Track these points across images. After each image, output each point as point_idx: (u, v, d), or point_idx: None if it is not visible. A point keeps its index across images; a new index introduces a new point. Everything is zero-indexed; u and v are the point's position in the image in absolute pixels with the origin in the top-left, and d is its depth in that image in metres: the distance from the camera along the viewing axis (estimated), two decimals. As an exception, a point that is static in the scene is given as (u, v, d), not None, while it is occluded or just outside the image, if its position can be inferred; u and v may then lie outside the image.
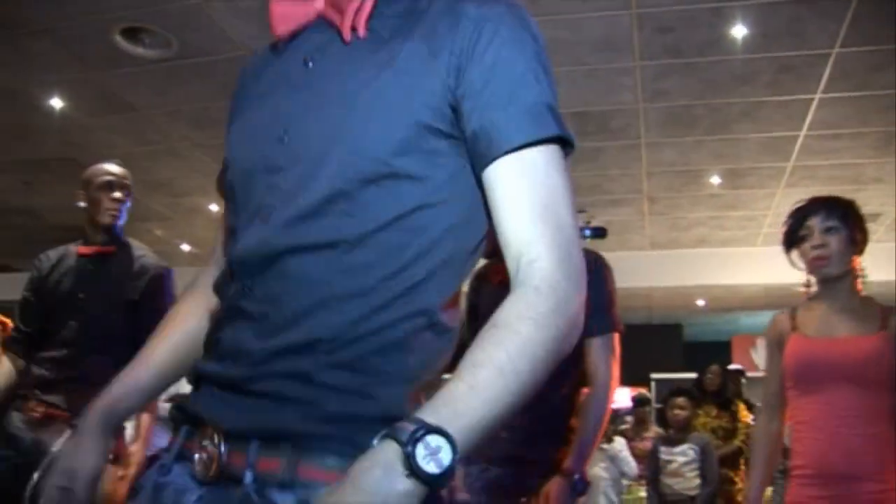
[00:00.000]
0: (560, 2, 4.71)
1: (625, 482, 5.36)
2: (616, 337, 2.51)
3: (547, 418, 2.36)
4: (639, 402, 6.77)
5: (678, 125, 6.27)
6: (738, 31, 4.96)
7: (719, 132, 6.39)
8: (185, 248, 10.14)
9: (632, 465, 5.04)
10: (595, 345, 2.43)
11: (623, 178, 7.39)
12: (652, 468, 4.81)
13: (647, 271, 9.39)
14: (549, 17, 4.85)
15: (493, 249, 0.93)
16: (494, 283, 2.51)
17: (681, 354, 11.83)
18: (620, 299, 2.56)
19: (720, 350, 11.34)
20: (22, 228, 9.31)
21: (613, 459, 5.01)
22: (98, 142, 6.94)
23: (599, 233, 7.80)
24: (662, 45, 5.14)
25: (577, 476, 2.29)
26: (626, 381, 10.07)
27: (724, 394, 5.84)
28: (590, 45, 5.19)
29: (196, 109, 6.21)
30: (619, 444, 5.17)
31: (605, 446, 5.02)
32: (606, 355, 2.44)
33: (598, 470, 4.93)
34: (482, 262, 2.63)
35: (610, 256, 8.64)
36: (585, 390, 2.46)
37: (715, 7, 4.72)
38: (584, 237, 7.95)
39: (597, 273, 2.46)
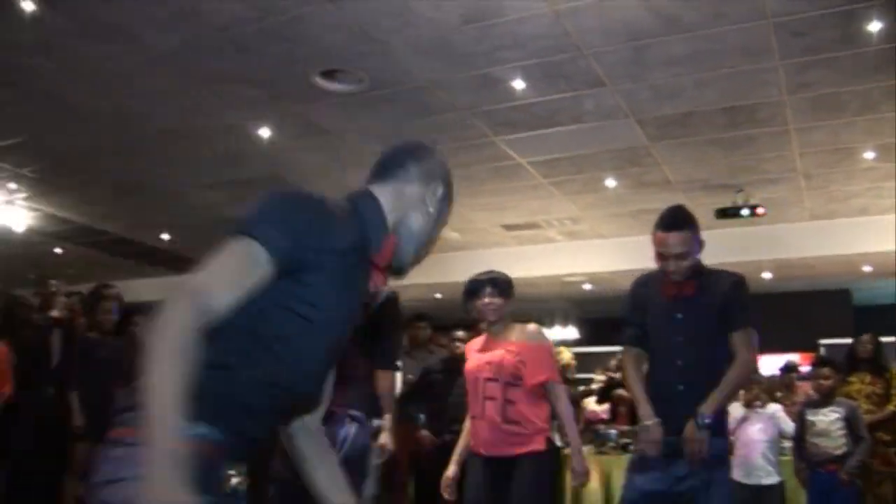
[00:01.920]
0: (699, 20, 5.29)
1: (785, 444, 5.80)
2: (749, 329, 3.21)
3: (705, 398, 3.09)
4: (786, 369, 7.16)
5: (826, 110, 6.62)
6: (874, 26, 5.34)
7: (868, 113, 6.70)
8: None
9: (790, 425, 5.49)
10: (736, 335, 3.16)
11: (777, 159, 7.77)
12: (798, 430, 5.30)
13: (808, 242, 9.66)
14: (692, 34, 5.45)
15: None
16: (667, 297, 3.22)
17: (850, 319, 11.83)
18: (784, 269, 3.26)
19: (894, 313, 11.34)
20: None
21: (771, 419, 5.50)
22: (298, 161, 8.12)
23: (756, 211, 8.26)
24: (800, 47, 5.59)
25: (706, 419, 3.01)
26: (794, 347, 10.44)
27: (877, 360, 6.18)
28: (732, 53, 5.72)
29: (384, 130, 7.20)
30: (775, 407, 5.66)
31: (760, 410, 5.55)
32: (745, 342, 3.16)
33: (754, 432, 5.48)
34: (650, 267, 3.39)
35: (770, 230, 9.12)
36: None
37: (847, 10, 5.14)
38: (741, 216, 8.42)
39: (741, 288, 3.17)
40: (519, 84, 6.34)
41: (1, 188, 9.36)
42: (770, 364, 11.37)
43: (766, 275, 10.88)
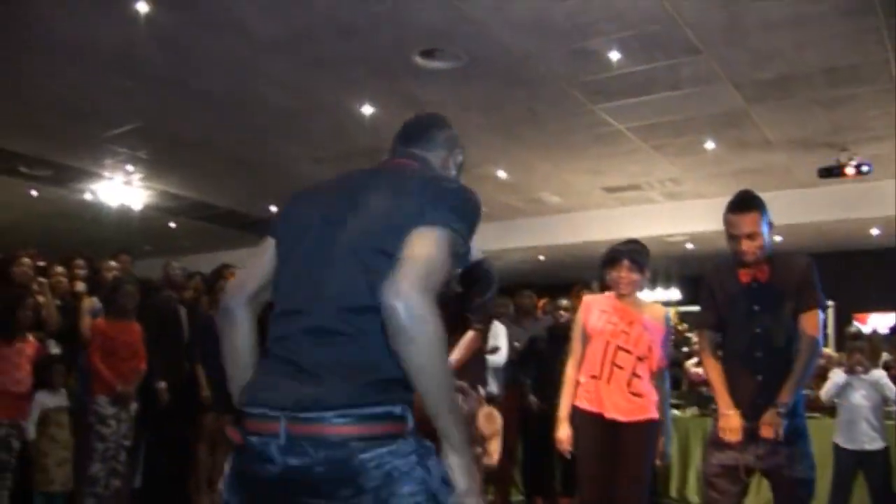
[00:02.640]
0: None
1: (891, 409, 5.79)
2: (818, 311, 3.27)
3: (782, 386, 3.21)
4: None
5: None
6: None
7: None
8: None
9: (893, 390, 5.50)
10: (805, 316, 3.24)
11: (882, 116, 7.60)
12: None
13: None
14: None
15: None
16: (744, 282, 3.33)
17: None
18: (893, 225, 3.25)
19: None
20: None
21: (874, 385, 5.51)
22: (400, 134, 8.38)
23: (861, 170, 8.12)
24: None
25: (785, 407, 3.12)
26: (891, 306, 10.12)
27: None
28: (832, 15, 5.66)
29: (483, 103, 7.40)
30: (879, 373, 5.65)
31: (863, 376, 5.57)
32: (814, 324, 3.24)
33: (858, 397, 5.51)
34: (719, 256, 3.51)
35: (876, 186, 8.89)
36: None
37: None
38: (846, 174, 8.28)
39: (813, 270, 3.29)
40: (615, 55, 6.42)
41: (119, 170, 9.99)
42: (879, 322, 11.17)
43: (875, 230, 10.65)
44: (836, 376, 5.65)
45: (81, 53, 6.53)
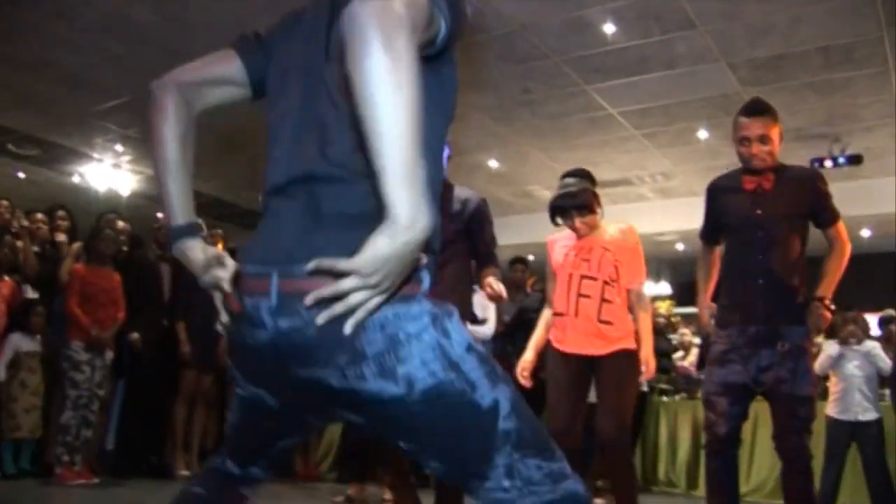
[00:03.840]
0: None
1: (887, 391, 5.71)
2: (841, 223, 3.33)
3: (788, 288, 3.20)
4: (886, 321, 7.02)
5: (928, 48, 6.47)
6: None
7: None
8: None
9: (886, 362, 5.40)
10: (832, 229, 3.30)
11: (874, 104, 7.59)
12: None
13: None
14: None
15: None
16: (748, 189, 3.28)
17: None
18: (881, 226, 3.32)
19: None
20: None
21: (867, 356, 5.44)
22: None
23: (855, 160, 8.10)
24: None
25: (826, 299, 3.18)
26: (884, 306, 10.09)
27: None
28: (829, -16, 5.66)
29: (475, 77, 7.34)
30: (872, 343, 5.57)
31: (856, 347, 5.49)
32: (842, 232, 3.31)
33: (851, 368, 5.42)
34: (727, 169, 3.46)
35: (867, 184, 8.82)
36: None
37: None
38: (839, 165, 8.26)
39: (824, 182, 3.29)
40: (609, 28, 6.39)
41: (108, 150, 9.85)
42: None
43: (866, 231, 10.60)
44: (830, 348, 5.57)
45: (73, 12, 6.43)
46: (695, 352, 8.43)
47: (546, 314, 3.92)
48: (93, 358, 5.13)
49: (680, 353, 8.60)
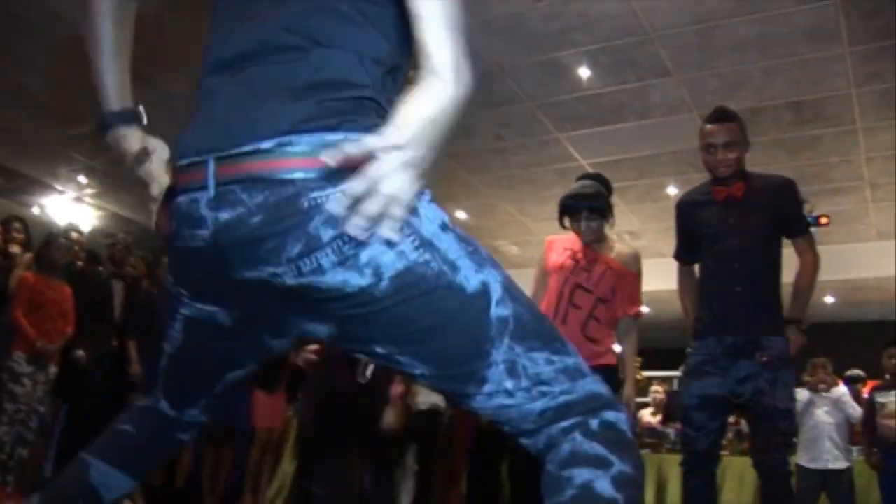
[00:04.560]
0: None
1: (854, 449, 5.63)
2: (811, 234, 3.30)
3: (765, 297, 3.13)
4: (852, 379, 6.99)
5: (893, 107, 6.56)
6: (949, 7, 5.29)
7: (940, 112, 6.61)
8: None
9: (856, 409, 5.33)
10: (802, 239, 3.25)
11: (843, 164, 7.68)
12: (868, 413, 5.15)
13: (877, 261, 9.42)
14: (759, 15, 5.49)
15: None
16: (719, 199, 3.24)
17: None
18: (849, 292, 3.31)
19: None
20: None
21: (836, 403, 5.36)
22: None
23: (820, 222, 8.15)
24: (870, 30, 5.57)
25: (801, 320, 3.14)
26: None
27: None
28: (800, 37, 5.71)
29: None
30: (841, 390, 5.50)
31: (825, 394, 5.41)
32: (811, 244, 3.27)
33: (821, 414, 5.33)
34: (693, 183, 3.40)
35: (837, 249, 8.78)
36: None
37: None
38: (810, 225, 8.30)
39: (795, 190, 3.25)
40: (585, 72, 6.42)
41: (71, 182, 9.62)
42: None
43: (829, 298, 10.63)
44: (799, 395, 5.46)
45: (47, 34, 6.29)
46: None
47: None
48: (35, 371, 4.85)
49: (650, 410, 8.46)
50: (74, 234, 5.22)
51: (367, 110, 1.11)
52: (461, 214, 9.89)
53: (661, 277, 10.63)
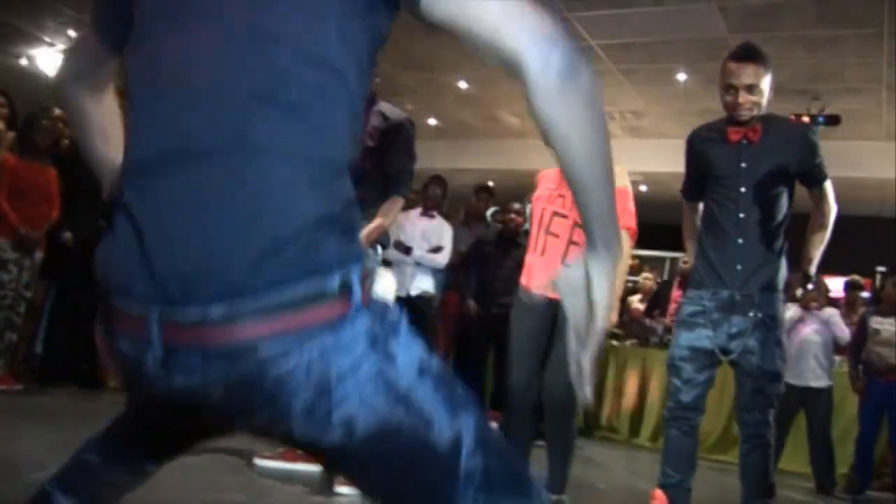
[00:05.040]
0: None
1: (837, 358, 5.68)
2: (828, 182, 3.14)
3: (768, 252, 3.03)
4: (851, 286, 6.96)
5: (925, 13, 6.23)
6: None
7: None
8: (432, 122, 11.13)
9: (844, 332, 5.35)
10: (820, 187, 3.11)
11: (862, 66, 7.38)
12: (858, 335, 5.15)
13: (881, 162, 9.27)
14: None
15: None
16: (733, 140, 3.04)
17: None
18: (850, 189, 3.13)
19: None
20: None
21: (826, 323, 5.36)
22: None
23: (833, 120, 7.92)
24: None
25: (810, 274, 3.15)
26: (850, 271, 10.14)
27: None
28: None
29: None
30: (831, 310, 5.50)
31: (816, 312, 5.40)
32: (830, 192, 3.13)
33: (809, 332, 5.34)
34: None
35: (842, 146, 8.66)
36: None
37: None
38: (816, 123, 8.08)
39: (815, 136, 3.07)
40: (603, -47, 6.04)
41: (60, 35, 9.22)
42: (833, 286, 11.08)
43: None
44: (790, 310, 5.45)
45: None
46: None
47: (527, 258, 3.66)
48: (21, 257, 4.77)
49: (638, 296, 8.50)
50: (57, 112, 4.96)
51: (328, 235, 0.93)
52: (463, 84, 9.59)
53: (661, 159, 10.58)
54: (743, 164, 3.01)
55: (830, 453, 5.38)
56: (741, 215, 3.00)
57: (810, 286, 3.34)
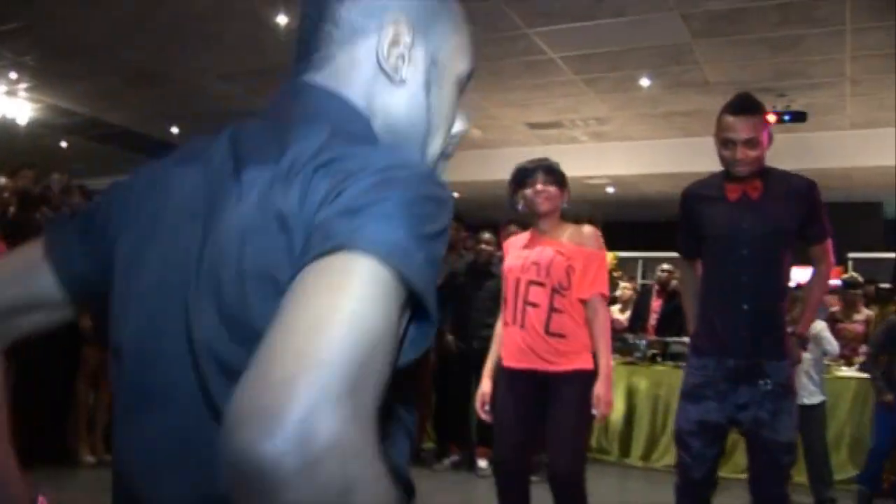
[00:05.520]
0: None
1: (826, 362, 5.60)
2: (830, 241, 2.97)
3: (772, 317, 2.86)
4: (848, 284, 6.86)
5: (890, 9, 6.13)
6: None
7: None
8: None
9: (834, 345, 5.27)
10: (819, 247, 2.97)
11: (825, 63, 7.31)
12: (884, 341, 5.08)
13: (845, 151, 9.27)
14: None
15: None
16: (731, 198, 2.89)
17: (881, 233, 11.53)
18: (818, 180, 2.97)
19: (924, 227, 11.02)
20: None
21: (815, 339, 5.25)
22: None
23: (799, 117, 7.86)
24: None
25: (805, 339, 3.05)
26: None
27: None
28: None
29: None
30: (820, 325, 5.39)
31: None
32: (827, 253, 2.98)
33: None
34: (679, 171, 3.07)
35: (808, 137, 8.67)
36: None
37: None
38: (784, 121, 8.02)
39: (818, 194, 2.90)
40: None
41: (2, 78, 8.93)
42: (799, 276, 11.12)
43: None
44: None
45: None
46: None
47: (499, 329, 3.48)
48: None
49: (618, 306, 8.37)
50: (2, 180, 4.68)
51: None
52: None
53: (627, 161, 10.50)
54: (745, 225, 2.85)
55: (828, 468, 5.30)
56: (744, 279, 2.83)
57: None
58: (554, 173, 3.30)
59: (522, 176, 3.32)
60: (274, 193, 0.76)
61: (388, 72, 0.91)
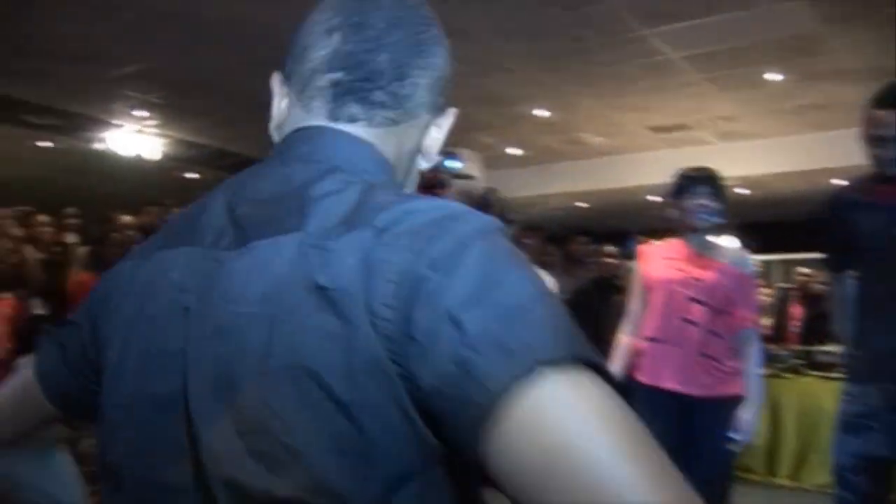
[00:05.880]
0: None
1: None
2: None
3: None
4: None
5: None
6: None
7: None
8: (511, 151, 10.82)
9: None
10: None
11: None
12: None
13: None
14: None
15: None
16: (884, 203, 2.56)
17: None
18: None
19: None
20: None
21: None
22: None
23: None
24: None
25: None
26: None
27: None
28: None
29: (527, 27, 6.65)
30: None
31: None
32: None
33: None
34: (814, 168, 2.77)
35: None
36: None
37: None
38: None
39: None
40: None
41: (130, 117, 9.38)
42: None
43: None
44: None
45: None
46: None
47: (624, 341, 3.29)
48: None
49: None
50: (126, 219, 4.80)
51: None
52: (543, 112, 9.24)
53: (756, 160, 9.97)
54: None
55: None
56: None
57: None
58: (719, 187, 3.21)
59: (685, 185, 3.21)
60: (308, 263, 0.64)
61: (428, 154, 0.90)
